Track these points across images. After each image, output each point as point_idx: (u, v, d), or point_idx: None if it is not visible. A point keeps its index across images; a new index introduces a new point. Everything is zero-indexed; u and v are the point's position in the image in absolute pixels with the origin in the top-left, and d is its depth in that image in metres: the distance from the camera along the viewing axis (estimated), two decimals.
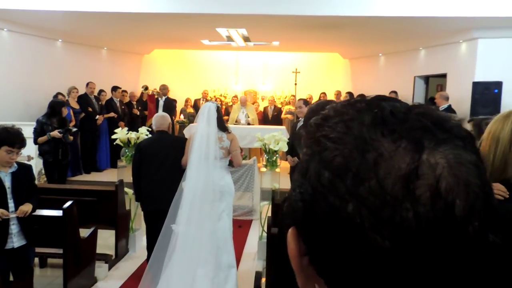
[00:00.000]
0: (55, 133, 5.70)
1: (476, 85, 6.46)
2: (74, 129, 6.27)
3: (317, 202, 0.40)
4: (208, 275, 3.20)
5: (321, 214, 0.40)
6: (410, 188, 0.37)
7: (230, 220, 3.50)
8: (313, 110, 1.67)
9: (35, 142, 5.74)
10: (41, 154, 5.88)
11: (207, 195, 3.22)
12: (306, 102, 5.27)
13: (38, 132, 5.74)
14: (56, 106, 5.93)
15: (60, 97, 7.32)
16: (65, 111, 6.11)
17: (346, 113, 0.43)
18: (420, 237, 0.36)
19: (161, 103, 7.87)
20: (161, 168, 3.75)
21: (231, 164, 3.64)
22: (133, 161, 3.97)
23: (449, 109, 6.91)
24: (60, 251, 3.62)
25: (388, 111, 0.42)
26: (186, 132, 7.35)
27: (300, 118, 5.05)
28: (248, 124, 8.89)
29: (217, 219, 3.32)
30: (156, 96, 7.96)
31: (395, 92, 8.36)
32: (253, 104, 10.56)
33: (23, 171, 3.14)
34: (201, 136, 3.29)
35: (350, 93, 9.75)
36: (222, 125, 3.54)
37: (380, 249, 0.37)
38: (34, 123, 5.88)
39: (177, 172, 3.50)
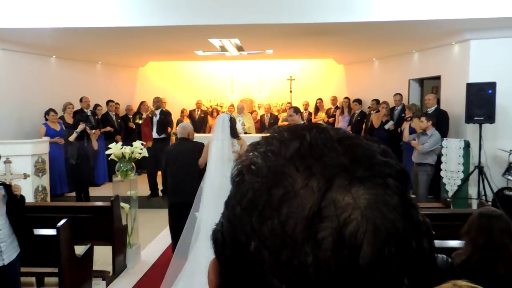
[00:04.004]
0: (80, 126, 6.70)
1: (470, 86, 6.45)
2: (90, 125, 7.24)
3: (229, 236, 0.38)
4: None
5: (229, 249, 0.38)
6: (312, 231, 0.34)
7: None
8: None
9: (68, 142, 6.77)
10: (66, 159, 6.98)
11: (223, 190, 3.76)
12: (297, 110, 5.25)
13: (67, 136, 6.83)
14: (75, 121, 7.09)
15: (51, 113, 7.38)
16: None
17: (271, 143, 0.40)
18: (318, 284, 0.34)
19: (155, 120, 7.77)
20: (181, 168, 4.55)
21: None
22: (163, 163, 4.84)
23: (437, 109, 6.93)
24: (56, 270, 3.59)
25: (307, 143, 0.38)
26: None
27: None
28: (245, 133, 8.89)
29: None
30: (150, 116, 7.79)
31: (400, 95, 8.37)
32: (251, 113, 10.57)
33: None
34: (217, 142, 3.93)
35: (347, 98, 9.78)
36: (233, 133, 4.11)
37: None
38: (28, 141, 6.20)
39: (194, 171, 4.31)
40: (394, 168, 0.38)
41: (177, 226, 4.58)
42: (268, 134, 0.43)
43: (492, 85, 6.28)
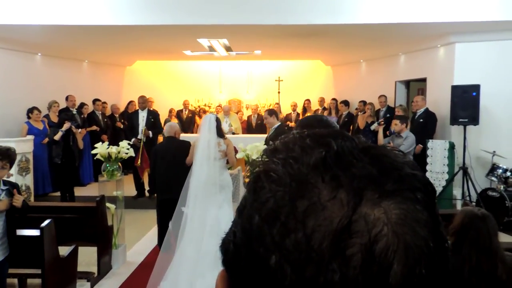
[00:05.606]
0: (66, 125, 6.63)
1: (454, 89, 6.55)
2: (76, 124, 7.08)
3: (245, 247, 0.36)
4: (213, 247, 3.66)
5: (246, 261, 0.36)
6: (340, 246, 0.32)
7: (230, 208, 4.15)
8: (302, 125, 1.59)
9: (53, 141, 6.65)
10: (50, 158, 6.89)
11: (208, 187, 3.97)
12: (271, 112, 5.59)
13: (52, 135, 6.70)
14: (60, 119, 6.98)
15: (35, 111, 7.25)
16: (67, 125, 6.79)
17: (293, 149, 0.38)
18: None
19: (141, 120, 7.62)
20: (171, 166, 4.66)
21: (228, 162, 4.43)
22: (150, 161, 5.06)
23: (426, 111, 7.01)
24: (39, 271, 3.52)
25: (333, 152, 0.36)
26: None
27: (271, 128, 5.49)
28: (233, 133, 8.88)
29: (218, 207, 4.01)
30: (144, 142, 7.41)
31: (385, 96, 8.43)
32: (237, 113, 10.56)
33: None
34: (203, 142, 4.05)
35: (334, 100, 9.83)
36: (220, 133, 4.23)
37: None
38: (12, 139, 6.09)
39: (182, 169, 4.34)
40: (422, 181, 0.37)
41: (165, 223, 4.64)
42: (286, 139, 0.40)
43: (476, 88, 6.39)
